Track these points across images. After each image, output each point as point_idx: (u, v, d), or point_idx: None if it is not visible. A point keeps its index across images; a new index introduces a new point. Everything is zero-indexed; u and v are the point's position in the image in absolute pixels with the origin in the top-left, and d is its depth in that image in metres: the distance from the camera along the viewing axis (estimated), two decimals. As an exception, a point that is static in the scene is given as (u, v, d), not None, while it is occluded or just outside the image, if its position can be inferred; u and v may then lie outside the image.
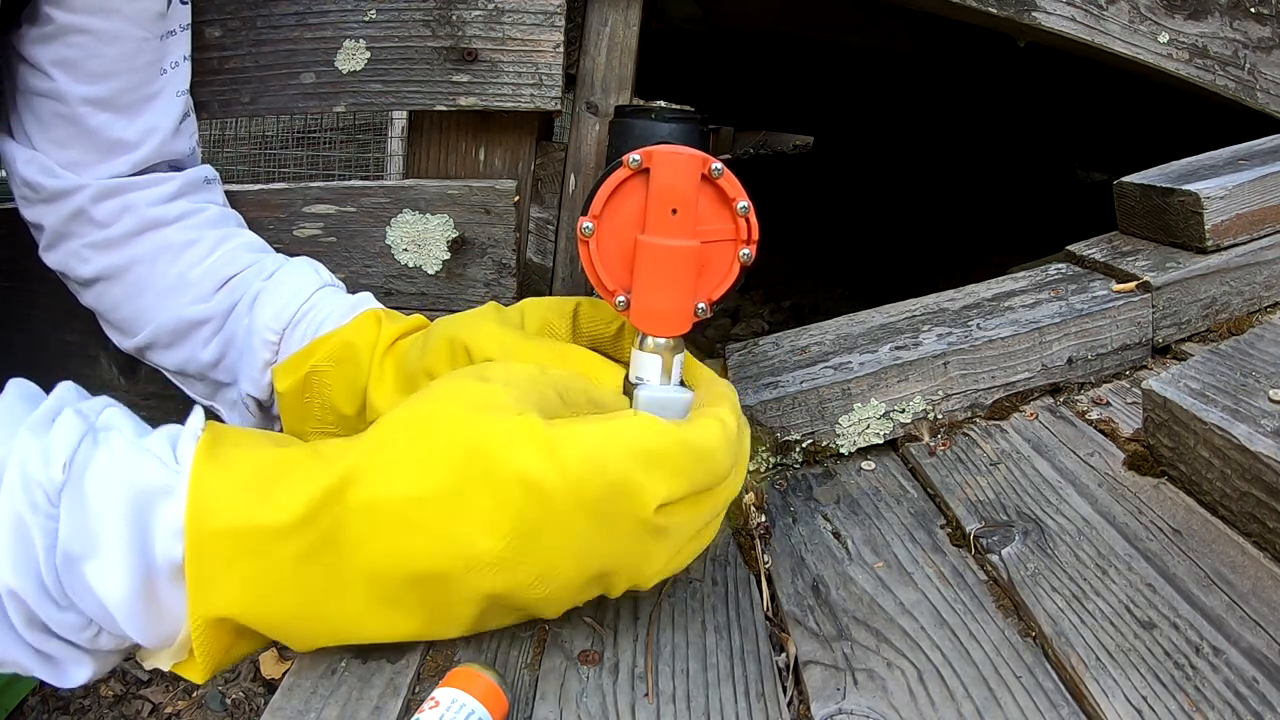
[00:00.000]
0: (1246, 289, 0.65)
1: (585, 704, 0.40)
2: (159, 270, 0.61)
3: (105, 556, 0.36)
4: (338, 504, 0.38)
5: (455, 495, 0.38)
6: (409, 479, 0.38)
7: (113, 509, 0.37)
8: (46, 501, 0.36)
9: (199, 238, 0.62)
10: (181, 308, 0.60)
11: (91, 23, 0.55)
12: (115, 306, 0.62)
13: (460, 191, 0.73)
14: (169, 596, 0.38)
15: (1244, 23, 0.81)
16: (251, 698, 1.12)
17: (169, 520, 0.38)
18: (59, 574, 0.36)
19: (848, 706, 0.40)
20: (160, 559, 0.37)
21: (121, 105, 0.59)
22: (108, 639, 0.39)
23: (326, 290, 0.61)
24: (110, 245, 0.60)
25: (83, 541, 0.36)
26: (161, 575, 0.38)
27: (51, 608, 0.36)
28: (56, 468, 0.37)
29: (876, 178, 2.40)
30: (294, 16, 0.70)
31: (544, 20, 0.70)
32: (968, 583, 0.48)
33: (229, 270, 0.61)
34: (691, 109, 0.64)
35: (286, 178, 2.51)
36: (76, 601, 0.37)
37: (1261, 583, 0.43)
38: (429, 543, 0.38)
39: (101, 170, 0.59)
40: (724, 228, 0.48)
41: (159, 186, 0.61)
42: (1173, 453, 0.52)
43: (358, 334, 0.56)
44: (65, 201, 0.59)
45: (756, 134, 3.93)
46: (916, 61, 1.46)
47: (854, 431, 0.62)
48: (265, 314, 0.59)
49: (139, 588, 0.37)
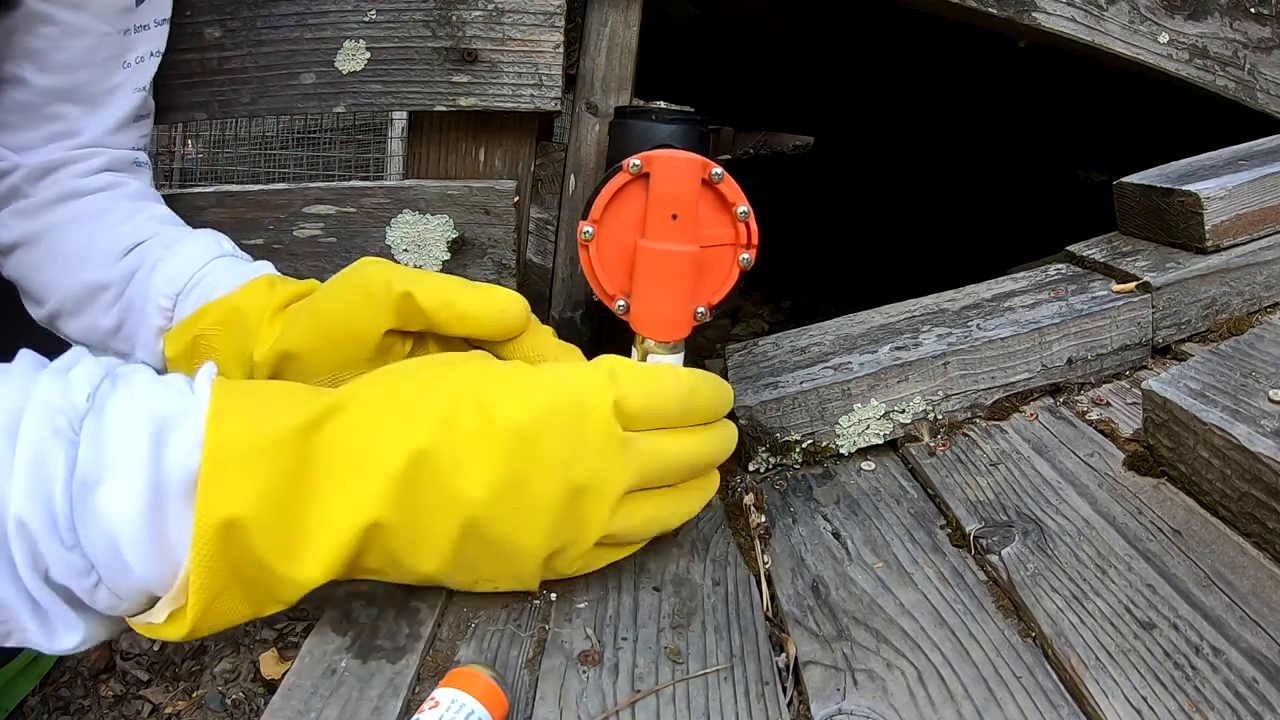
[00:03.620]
0: (1246, 289, 0.65)
1: (585, 704, 0.41)
2: (69, 236, 0.62)
3: (119, 477, 0.36)
4: (338, 415, 0.41)
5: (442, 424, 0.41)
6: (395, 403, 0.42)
7: (133, 430, 0.37)
8: (69, 428, 0.36)
9: (112, 207, 0.63)
10: (87, 273, 0.61)
11: (59, 14, 0.56)
12: (30, 275, 0.63)
13: (460, 192, 0.73)
14: (176, 522, 0.37)
15: (1244, 23, 0.81)
16: (251, 698, 1.12)
17: (186, 437, 0.38)
18: (72, 504, 0.35)
19: (848, 707, 0.40)
20: (173, 475, 0.37)
21: (81, 97, 0.60)
22: (105, 594, 0.38)
23: (225, 259, 0.61)
24: (29, 212, 0.61)
25: (100, 465, 0.36)
26: (172, 494, 0.37)
27: (57, 544, 0.36)
28: (80, 396, 0.37)
29: (876, 178, 2.40)
30: (294, 17, 0.70)
31: (544, 20, 0.70)
32: (967, 583, 0.48)
33: (134, 238, 0.62)
34: (691, 109, 0.64)
35: (286, 178, 2.51)
36: (84, 537, 0.36)
37: (1261, 583, 0.43)
38: (409, 432, 0.41)
39: (41, 152, 0.61)
40: (723, 232, 0.48)
41: (85, 161, 0.62)
42: (1173, 453, 0.52)
43: (246, 299, 0.56)
44: (2, 181, 0.61)
45: (756, 134, 3.93)
46: (916, 62, 1.46)
47: (854, 432, 0.62)
48: (160, 280, 0.59)
49: (149, 508, 0.36)
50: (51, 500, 0.35)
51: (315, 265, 0.74)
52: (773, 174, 3.19)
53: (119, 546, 0.36)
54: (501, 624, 0.46)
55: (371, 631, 0.44)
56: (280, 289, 0.57)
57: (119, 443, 0.37)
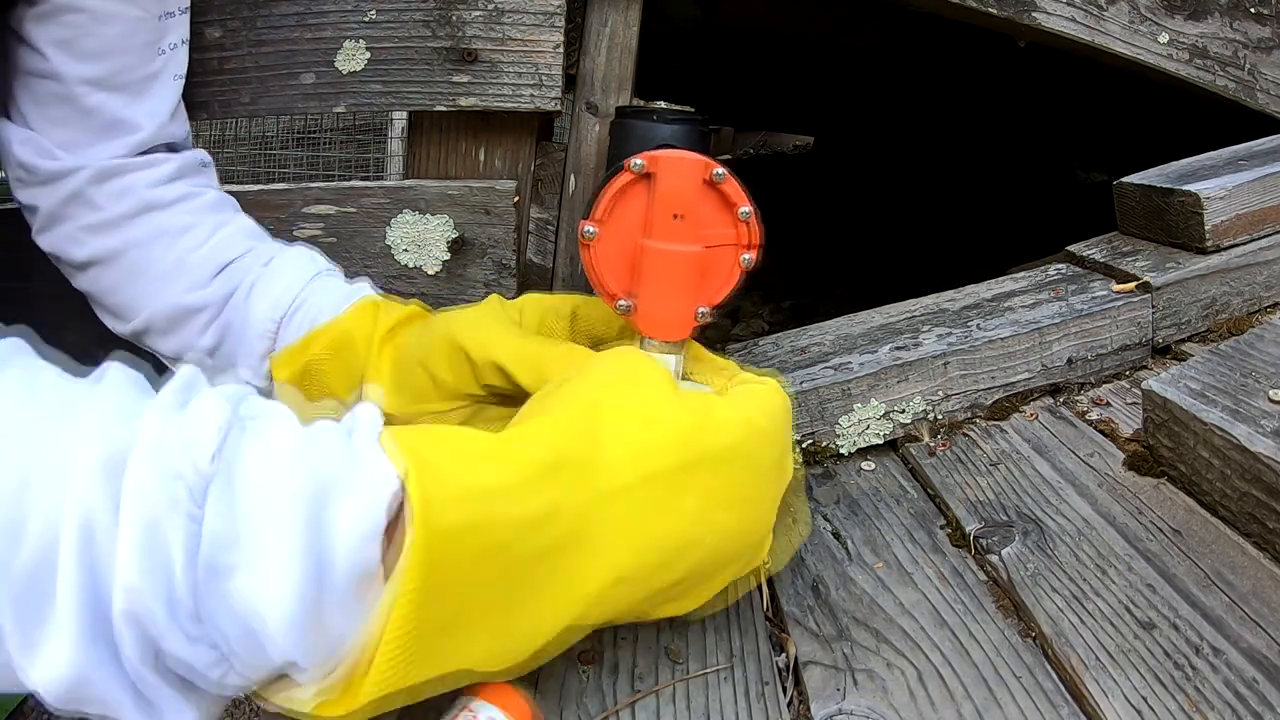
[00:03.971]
0: (1246, 289, 0.65)
1: (585, 704, 0.41)
2: (155, 254, 0.60)
3: (267, 563, 0.29)
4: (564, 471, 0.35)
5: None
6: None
7: (279, 505, 0.30)
8: (190, 500, 0.29)
9: (196, 222, 0.61)
10: (178, 294, 0.60)
11: (87, 2, 0.55)
12: (110, 291, 0.62)
13: (460, 192, 0.73)
14: (339, 613, 0.31)
15: (1244, 23, 0.81)
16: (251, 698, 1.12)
17: (354, 516, 0.30)
18: (198, 592, 0.29)
19: (848, 707, 0.40)
20: (341, 563, 0.30)
21: (119, 85, 0.59)
22: (237, 678, 0.31)
23: (323, 277, 0.61)
24: (106, 228, 0.60)
25: (236, 547, 0.29)
26: (337, 586, 0.30)
27: (179, 638, 0.29)
28: (204, 457, 0.30)
29: (876, 178, 2.40)
30: (294, 17, 0.70)
31: (544, 20, 0.70)
32: (967, 583, 0.48)
33: (226, 256, 0.61)
34: (692, 110, 0.64)
35: (286, 178, 2.51)
36: (212, 628, 0.30)
37: (1261, 583, 0.43)
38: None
39: (100, 151, 0.59)
40: (726, 232, 0.48)
41: (157, 168, 0.61)
42: (1173, 453, 0.52)
43: (354, 324, 0.56)
44: (62, 184, 0.59)
45: (756, 134, 3.93)
46: (916, 62, 1.46)
47: (854, 432, 0.62)
48: (262, 305, 0.59)
49: (308, 602, 0.29)
50: (169, 588, 0.29)
51: (315, 265, 0.74)
52: (773, 174, 3.19)
53: (266, 636, 0.30)
54: (502, 624, 0.46)
55: (372, 631, 0.44)
56: (386, 315, 0.57)
57: (262, 519, 0.30)
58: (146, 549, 0.28)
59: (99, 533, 0.28)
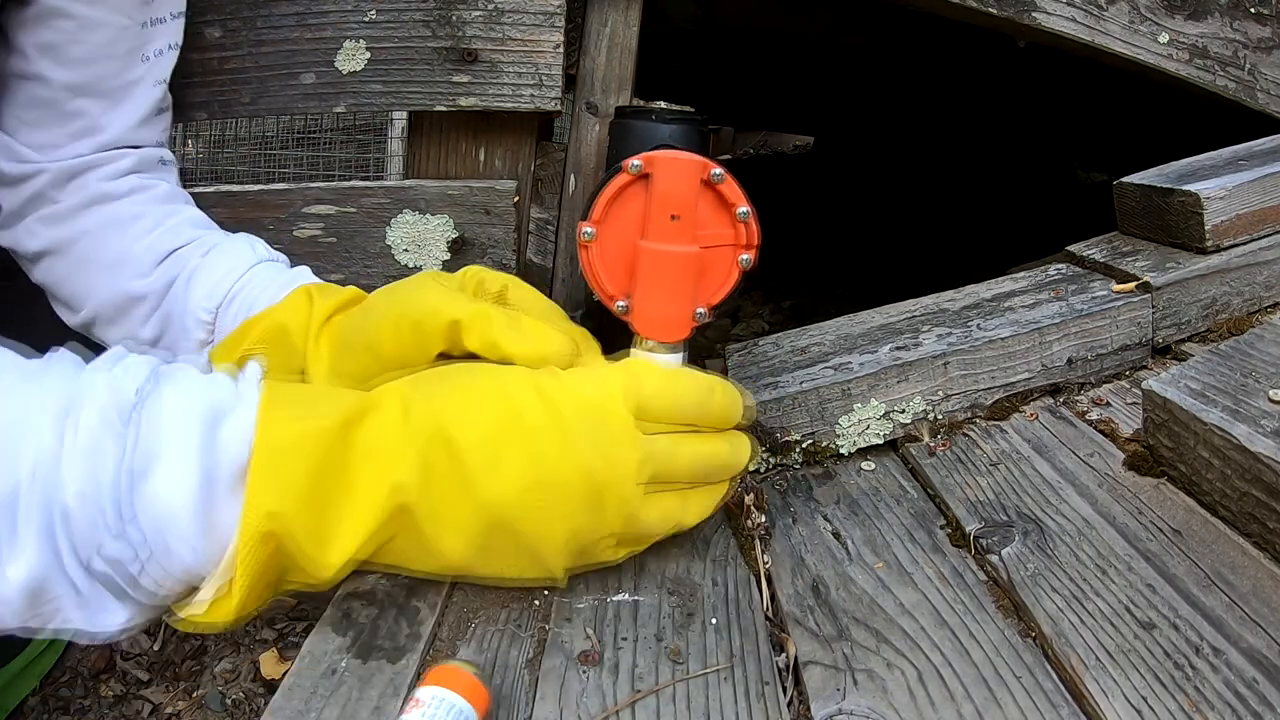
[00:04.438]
0: (1246, 289, 0.65)
1: (585, 704, 0.41)
2: (104, 244, 0.61)
3: (172, 464, 0.38)
4: (375, 412, 0.43)
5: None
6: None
7: (185, 420, 0.39)
8: (118, 420, 0.38)
9: (145, 212, 0.62)
10: (123, 281, 0.60)
11: (76, 8, 0.55)
12: (62, 281, 0.63)
13: (460, 192, 0.73)
14: (225, 508, 0.39)
15: (1244, 23, 0.81)
16: (251, 698, 1.12)
17: (236, 429, 0.40)
18: (121, 492, 0.37)
19: (848, 707, 0.40)
20: (224, 463, 0.39)
21: (101, 91, 0.59)
22: (149, 580, 0.39)
23: (261, 266, 0.61)
24: (58, 219, 0.60)
25: (152, 453, 0.38)
26: (222, 482, 0.39)
27: (104, 532, 0.37)
28: (129, 391, 0.39)
29: (876, 178, 2.41)
30: (294, 17, 0.70)
31: (544, 20, 0.70)
32: (968, 583, 0.48)
33: (169, 245, 0.61)
34: (692, 109, 0.64)
35: (286, 178, 2.50)
36: (131, 524, 0.38)
37: (1261, 583, 0.43)
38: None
39: (65, 151, 0.60)
40: (724, 233, 0.48)
41: (114, 163, 0.61)
42: (1173, 453, 0.52)
43: (289, 314, 0.56)
44: (26, 185, 0.59)
45: (756, 134, 3.93)
46: (916, 62, 1.46)
47: (854, 432, 0.62)
48: (198, 293, 0.59)
49: (201, 495, 0.38)
50: (100, 491, 0.37)
51: (315, 265, 0.73)
52: (773, 174, 3.19)
53: (168, 530, 0.38)
54: (501, 624, 0.46)
55: (372, 631, 0.44)
56: (321, 302, 0.57)
57: (172, 432, 0.39)
58: (88, 460, 0.37)
59: (52, 461, 0.37)
